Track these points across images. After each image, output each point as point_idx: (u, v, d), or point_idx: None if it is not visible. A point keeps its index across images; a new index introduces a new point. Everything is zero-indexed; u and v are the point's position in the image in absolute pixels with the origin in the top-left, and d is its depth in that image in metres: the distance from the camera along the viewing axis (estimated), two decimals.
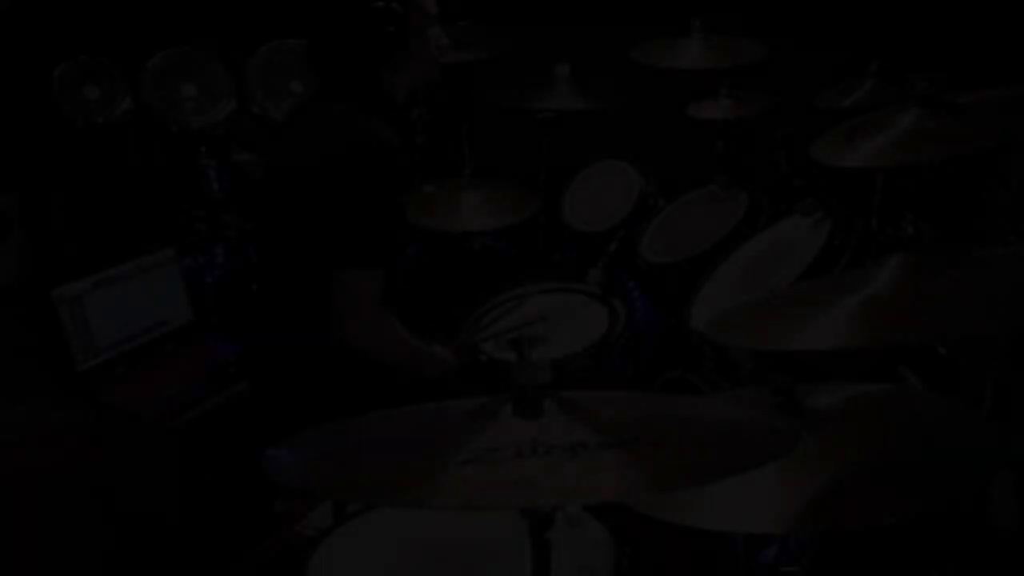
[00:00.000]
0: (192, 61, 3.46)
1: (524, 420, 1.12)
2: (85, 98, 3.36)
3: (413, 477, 1.00)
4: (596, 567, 1.62)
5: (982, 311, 1.22)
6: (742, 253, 2.47)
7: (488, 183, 3.25)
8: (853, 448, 1.35)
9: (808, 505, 1.27)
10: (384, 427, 1.23)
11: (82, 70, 3.37)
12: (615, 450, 1.02)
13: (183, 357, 2.85)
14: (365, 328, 2.07)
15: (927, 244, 1.39)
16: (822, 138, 2.06)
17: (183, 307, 2.93)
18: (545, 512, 1.13)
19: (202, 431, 2.55)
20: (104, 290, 2.73)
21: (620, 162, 3.08)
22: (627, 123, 3.63)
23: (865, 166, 1.92)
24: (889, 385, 1.62)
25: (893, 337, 1.21)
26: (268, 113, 3.55)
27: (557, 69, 3.35)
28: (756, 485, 1.31)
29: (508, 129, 3.86)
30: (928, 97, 1.91)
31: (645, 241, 2.77)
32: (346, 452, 1.11)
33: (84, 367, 2.67)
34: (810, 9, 3.70)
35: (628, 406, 1.23)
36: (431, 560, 1.65)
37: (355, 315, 2.05)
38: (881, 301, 1.30)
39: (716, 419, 1.21)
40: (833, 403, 1.50)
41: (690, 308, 2.38)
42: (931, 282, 1.32)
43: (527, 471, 0.99)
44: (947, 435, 1.37)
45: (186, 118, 3.40)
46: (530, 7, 3.70)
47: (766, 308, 1.46)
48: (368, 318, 2.07)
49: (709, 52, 3.03)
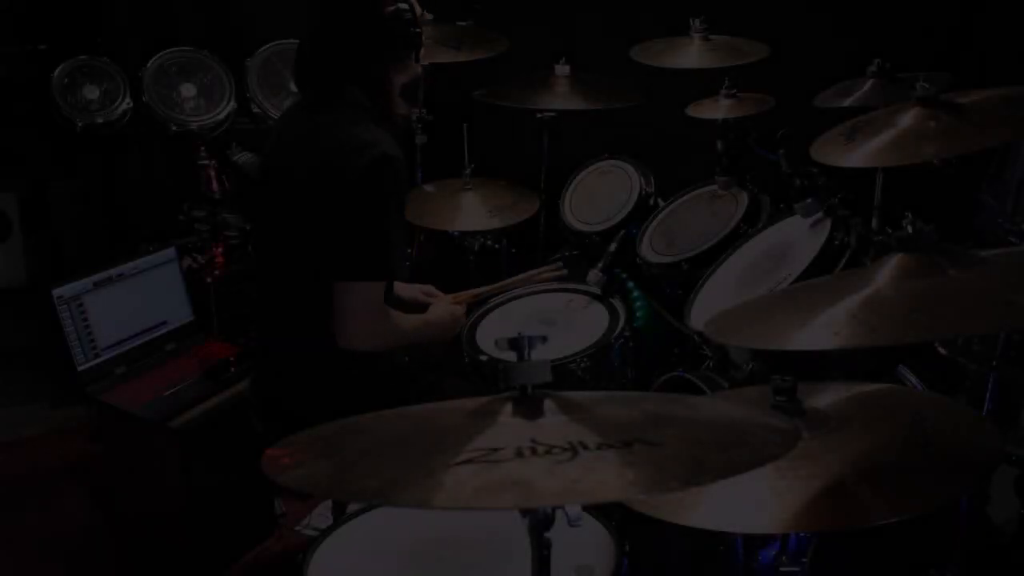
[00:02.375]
0: (192, 61, 3.46)
1: (524, 420, 1.13)
2: (85, 98, 3.36)
3: (413, 477, 1.00)
4: (596, 567, 1.62)
5: (982, 311, 1.22)
6: (742, 253, 2.47)
7: (488, 183, 3.25)
8: (853, 448, 1.35)
9: (807, 505, 1.27)
10: (384, 427, 1.23)
11: (82, 70, 3.37)
12: (615, 450, 1.02)
13: (183, 357, 2.85)
14: (372, 335, 2.08)
15: (927, 244, 1.39)
16: (822, 138, 2.06)
17: (183, 307, 2.93)
18: (545, 512, 1.13)
19: (202, 431, 2.55)
20: (104, 290, 2.73)
21: (620, 162, 3.07)
22: (627, 123, 3.63)
23: (865, 166, 1.92)
24: (889, 385, 1.62)
25: (893, 337, 1.21)
26: (268, 113, 3.55)
27: (557, 69, 3.36)
28: (756, 485, 1.31)
29: (508, 129, 3.87)
30: (928, 97, 1.91)
31: (645, 241, 2.77)
32: (346, 452, 1.11)
33: (84, 367, 2.67)
34: (810, 9, 3.71)
35: (628, 406, 1.23)
36: (431, 560, 1.65)
37: (363, 325, 2.05)
38: (881, 301, 1.30)
39: (716, 419, 1.21)
40: (833, 403, 1.50)
41: (690, 308, 2.38)
42: (931, 282, 1.32)
43: (527, 471, 0.99)
44: (947, 435, 1.37)
45: (186, 118, 3.40)
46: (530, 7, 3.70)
47: (766, 308, 1.46)
48: (375, 326, 2.07)
49: (709, 52, 3.03)
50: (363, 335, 2.06)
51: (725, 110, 2.69)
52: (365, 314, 2.04)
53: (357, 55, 2.10)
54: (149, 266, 2.84)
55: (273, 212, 2.22)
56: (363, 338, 2.06)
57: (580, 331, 2.60)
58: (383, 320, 2.10)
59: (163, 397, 2.63)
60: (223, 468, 2.62)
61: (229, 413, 2.61)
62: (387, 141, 2.05)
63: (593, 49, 3.58)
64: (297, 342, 2.17)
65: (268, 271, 2.25)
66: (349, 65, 2.10)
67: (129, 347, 2.78)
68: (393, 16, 2.10)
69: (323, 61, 2.13)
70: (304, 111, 2.21)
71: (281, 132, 2.26)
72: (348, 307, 2.03)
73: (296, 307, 2.16)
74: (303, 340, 2.16)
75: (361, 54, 2.10)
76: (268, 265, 2.25)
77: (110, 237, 3.87)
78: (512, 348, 1.19)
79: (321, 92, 2.15)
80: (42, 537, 2.89)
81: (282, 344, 2.21)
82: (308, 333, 2.14)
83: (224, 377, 2.72)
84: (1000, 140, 1.85)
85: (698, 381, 2.25)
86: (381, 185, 2.01)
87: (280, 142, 2.24)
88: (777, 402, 1.43)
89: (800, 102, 2.78)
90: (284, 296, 2.19)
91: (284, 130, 2.26)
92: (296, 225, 2.13)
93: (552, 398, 1.16)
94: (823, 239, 2.18)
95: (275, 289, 2.22)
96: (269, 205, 2.23)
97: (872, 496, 1.26)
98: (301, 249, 2.13)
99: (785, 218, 2.45)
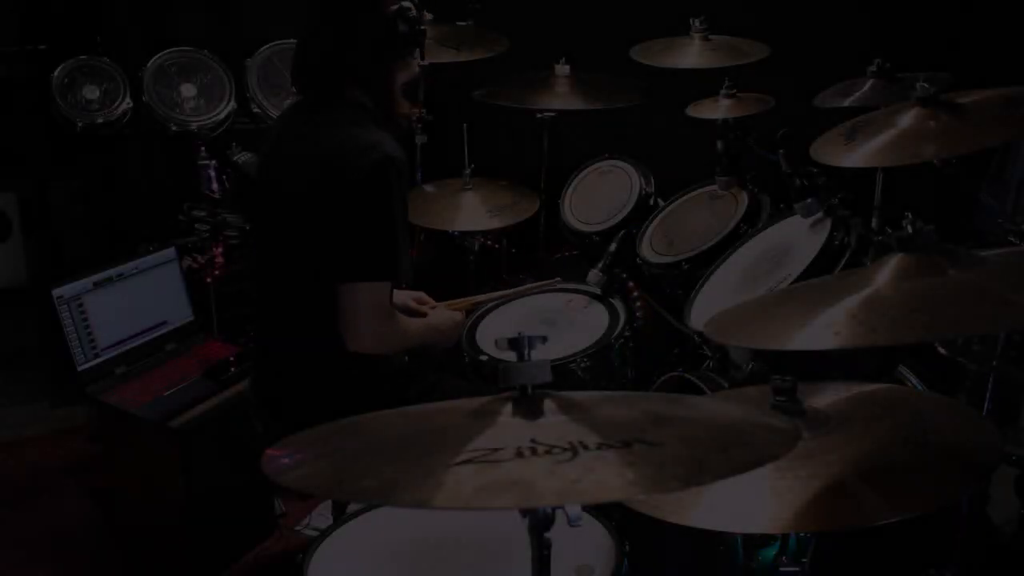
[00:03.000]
0: (192, 61, 3.45)
1: (524, 420, 1.13)
2: (85, 98, 3.36)
3: (413, 477, 1.00)
4: (596, 567, 1.62)
5: (982, 311, 1.22)
6: (742, 253, 2.47)
7: (488, 183, 3.25)
8: (853, 448, 1.35)
9: (807, 505, 1.27)
10: (384, 427, 1.23)
11: (82, 70, 3.37)
12: (615, 450, 1.02)
13: (183, 357, 2.85)
14: (380, 336, 2.07)
15: (927, 244, 1.39)
16: (822, 138, 2.06)
17: (183, 307, 2.93)
18: (545, 512, 1.13)
19: (202, 431, 2.55)
20: (104, 290, 2.73)
21: (620, 162, 3.07)
22: (627, 123, 3.63)
23: (865, 166, 1.92)
24: (889, 385, 1.62)
25: (893, 337, 1.20)
26: (268, 113, 3.55)
27: (557, 69, 3.36)
28: (756, 485, 1.31)
29: (508, 129, 3.87)
30: (928, 97, 1.91)
31: (645, 241, 2.77)
32: (346, 452, 1.11)
33: (84, 367, 2.67)
34: (810, 9, 3.71)
35: (628, 406, 1.23)
36: (430, 560, 1.65)
37: (370, 325, 2.04)
38: (881, 301, 1.30)
39: (716, 419, 1.21)
40: (833, 403, 1.50)
41: (690, 308, 2.38)
42: (931, 282, 1.32)
43: (527, 471, 0.99)
44: (947, 435, 1.37)
45: (186, 118, 3.40)
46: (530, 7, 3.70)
47: (766, 308, 1.46)
48: (382, 327, 2.07)
49: (709, 52, 3.03)
50: (371, 336, 2.05)
51: (725, 110, 2.69)
52: (371, 315, 2.04)
53: (360, 54, 2.08)
54: (149, 266, 2.85)
55: (273, 214, 2.20)
56: (371, 339, 2.05)
57: (580, 331, 2.60)
58: (389, 321, 2.10)
59: (163, 397, 2.63)
60: (223, 468, 2.62)
61: (229, 413, 2.61)
62: (389, 142, 2.04)
63: (593, 49, 3.57)
64: (297, 342, 2.17)
65: (268, 272, 2.24)
66: (351, 65, 2.09)
67: (129, 347, 2.78)
68: (396, 14, 2.08)
69: (324, 61, 2.10)
70: (304, 112, 2.19)
71: (281, 133, 2.25)
72: (354, 308, 2.03)
73: (296, 308, 2.16)
74: (303, 340, 2.15)
75: (364, 53, 2.08)
76: (268, 266, 2.24)
77: (110, 237, 3.86)
78: (512, 348, 1.19)
79: (322, 93, 2.14)
80: (42, 537, 2.89)
81: (282, 344, 2.21)
82: (308, 333, 2.14)
83: (224, 377, 2.72)
84: (1000, 140, 1.85)
85: (698, 381, 2.25)
86: (385, 186, 2.00)
87: (280, 144, 2.22)
88: (777, 402, 1.43)
89: (800, 102, 2.78)
90: (284, 297, 2.19)
91: (284, 131, 2.24)
92: (297, 227, 2.12)
93: (552, 398, 1.16)
94: (823, 239, 2.18)
95: (275, 290, 2.21)
96: (268, 207, 2.22)
97: (872, 496, 1.26)
98: (302, 250, 2.12)
99: (785, 218, 2.45)
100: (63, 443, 3.37)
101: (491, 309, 2.72)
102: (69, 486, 3.13)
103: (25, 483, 3.16)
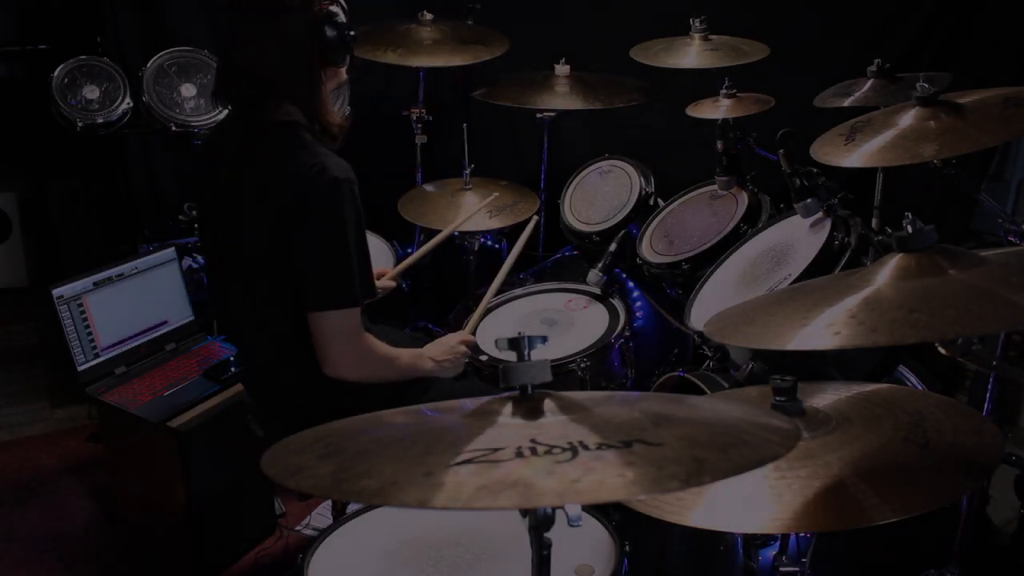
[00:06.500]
0: (192, 61, 3.46)
1: (524, 420, 1.13)
2: (85, 98, 3.36)
3: (413, 477, 1.00)
4: (596, 567, 1.62)
5: (982, 311, 1.22)
6: (742, 253, 2.47)
7: (488, 183, 3.25)
8: (853, 448, 1.35)
9: (807, 505, 1.27)
10: (384, 427, 1.23)
11: (82, 70, 3.37)
12: (615, 450, 1.02)
13: (183, 357, 2.85)
14: (356, 361, 2.02)
15: (927, 244, 1.39)
16: (822, 138, 2.06)
17: (183, 307, 2.94)
18: (545, 512, 1.13)
19: (202, 431, 2.55)
20: (104, 290, 2.73)
21: (620, 162, 3.08)
22: (627, 123, 3.63)
23: (865, 166, 1.92)
24: (889, 385, 1.62)
25: (893, 337, 1.20)
26: None
27: (557, 69, 3.36)
28: (756, 485, 1.31)
29: (508, 129, 3.87)
30: (928, 97, 1.91)
31: (645, 241, 2.77)
32: (346, 452, 1.11)
33: (84, 367, 2.67)
34: (810, 9, 3.71)
35: (628, 406, 1.23)
36: (430, 560, 1.65)
37: (343, 349, 2.00)
38: (881, 301, 1.30)
39: (716, 419, 1.20)
40: (833, 403, 1.50)
41: (690, 308, 2.38)
42: (931, 282, 1.32)
43: (527, 471, 0.99)
44: (947, 435, 1.37)
45: (186, 118, 3.40)
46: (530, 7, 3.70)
47: (766, 308, 1.46)
48: (356, 350, 2.02)
49: (709, 52, 3.03)
50: (346, 362, 2.01)
51: (725, 110, 2.69)
52: (343, 340, 1.99)
53: (288, 63, 1.96)
54: (149, 266, 2.84)
55: (230, 244, 2.09)
56: (347, 365, 2.01)
57: (580, 331, 2.60)
58: (363, 344, 2.04)
59: (163, 397, 2.63)
60: (223, 468, 2.62)
61: (229, 413, 2.61)
62: (333, 161, 1.95)
63: (593, 49, 3.58)
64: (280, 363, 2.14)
65: (230, 298, 2.16)
66: (280, 75, 1.96)
67: (129, 347, 2.78)
68: (325, 17, 1.97)
69: (249, 73, 1.97)
70: (239, 134, 2.06)
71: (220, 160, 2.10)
72: (325, 334, 1.98)
73: (275, 330, 2.10)
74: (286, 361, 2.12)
75: (292, 61, 1.96)
76: (229, 290, 2.16)
77: (110, 237, 3.87)
78: (512, 348, 1.20)
79: (254, 111, 2.01)
80: (42, 537, 2.89)
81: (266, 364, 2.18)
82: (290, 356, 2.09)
83: (224, 377, 2.72)
84: (1000, 140, 1.84)
85: (698, 381, 2.25)
86: (336, 211, 1.93)
87: (219, 173, 2.09)
88: (777, 402, 1.43)
89: (800, 102, 2.78)
90: (259, 322, 2.11)
91: (222, 159, 2.09)
92: (257, 259, 2.03)
93: (552, 398, 1.16)
94: (823, 239, 2.17)
95: (248, 315, 2.13)
96: (222, 237, 2.11)
97: (872, 496, 1.26)
98: (263, 278, 2.04)
99: (785, 218, 2.45)
100: (63, 443, 3.37)
101: (491, 309, 2.72)
102: (69, 486, 3.13)
103: (25, 483, 3.16)
